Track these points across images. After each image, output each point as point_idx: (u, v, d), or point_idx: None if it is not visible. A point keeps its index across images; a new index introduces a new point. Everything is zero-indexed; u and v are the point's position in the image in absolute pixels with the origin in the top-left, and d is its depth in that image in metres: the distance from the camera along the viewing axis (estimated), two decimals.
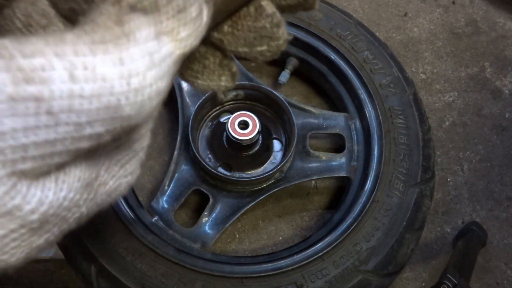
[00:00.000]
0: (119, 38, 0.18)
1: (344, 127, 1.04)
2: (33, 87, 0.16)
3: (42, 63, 0.16)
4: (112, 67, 0.17)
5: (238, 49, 0.29)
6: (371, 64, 1.03)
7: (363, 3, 1.30)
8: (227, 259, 0.91)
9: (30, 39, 0.17)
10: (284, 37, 0.29)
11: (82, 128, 0.18)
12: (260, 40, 0.29)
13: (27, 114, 0.16)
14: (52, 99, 0.17)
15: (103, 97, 0.18)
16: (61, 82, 0.17)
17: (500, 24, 1.28)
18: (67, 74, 0.17)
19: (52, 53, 0.17)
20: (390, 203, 0.90)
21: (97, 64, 0.17)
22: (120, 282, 0.83)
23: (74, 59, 0.17)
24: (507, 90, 1.20)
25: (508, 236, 1.04)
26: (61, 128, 0.17)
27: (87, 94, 0.17)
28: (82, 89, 0.17)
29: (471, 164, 1.11)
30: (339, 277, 0.84)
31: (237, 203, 0.96)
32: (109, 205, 0.26)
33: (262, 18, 0.28)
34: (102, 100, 0.18)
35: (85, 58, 0.17)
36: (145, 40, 0.19)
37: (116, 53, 0.18)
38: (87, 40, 0.17)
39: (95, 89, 0.17)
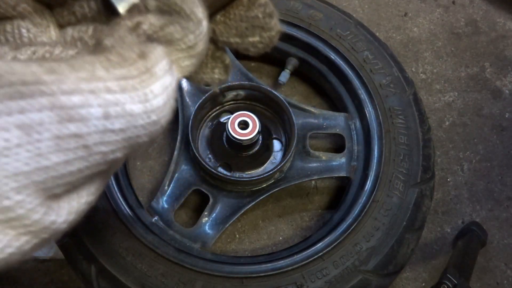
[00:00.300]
0: (143, 73, 0.20)
1: (344, 127, 1.04)
2: (74, 125, 0.18)
3: (80, 101, 0.18)
4: (138, 104, 0.20)
5: (230, 39, 0.29)
6: (371, 64, 1.03)
7: (363, 3, 1.30)
8: (227, 259, 0.91)
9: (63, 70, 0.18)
10: (277, 28, 0.29)
11: (107, 156, 0.20)
12: (252, 30, 0.29)
13: (68, 149, 0.19)
14: (88, 135, 0.19)
15: (128, 130, 0.20)
16: (96, 119, 0.19)
17: (500, 24, 1.28)
18: (102, 111, 0.19)
19: (88, 90, 0.18)
20: (390, 203, 0.90)
21: (126, 102, 0.19)
22: (120, 282, 0.83)
23: (107, 96, 0.19)
24: (507, 90, 1.20)
25: (508, 236, 1.04)
26: (92, 158, 0.20)
27: (116, 128, 0.19)
28: (112, 124, 0.19)
29: (471, 164, 1.11)
30: (339, 277, 0.84)
31: (237, 203, 0.96)
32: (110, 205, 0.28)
33: (255, 8, 0.28)
34: (127, 133, 0.20)
35: (116, 95, 0.19)
36: (163, 74, 0.21)
37: (141, 90, 0.20)
38: (116, 74, 0.19)
39: (122, 124, 0.19)
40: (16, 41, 0.25)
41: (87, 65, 0.19)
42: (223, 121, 1.05)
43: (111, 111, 0.19)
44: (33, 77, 0.18)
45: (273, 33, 0.29)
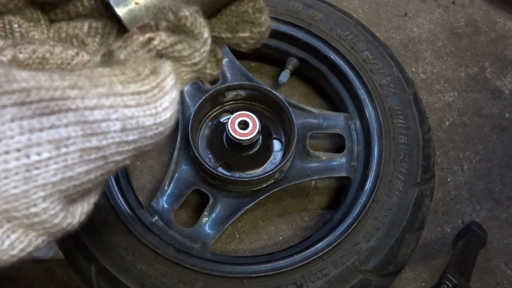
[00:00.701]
0: (155, 88, 0.22)
1: (344, 127, 1.04)
2: (96, 138, 0.20)
3: (102, 116, 0.20)
4: (150, 117, 0.21)
5: (221, 34, 0.30)
6: (371, 64, 1.03)
7: (363, 3, 1.30)
8: (227, 259, 0.91)
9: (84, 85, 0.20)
10: (267, 24, 0.29)
11: (119, 164, 0.22)
12: (242, 25, 0.29)
13: (89, 160, 0.20)
14: (107, 147, 0.21)
15: (139, 140, 0.22)
16: (115, 132, 0.21)
17: (500, 24, 1.28)
18: (120, 125, 0.21)
19: (108, 106, 0.20)
20: (390, 203, 0.90)
21: (140, 115, 0.21)
22: (120, 282, 0.83)
23: (124, 111, 0.21)
24: (507, 90, 1.20)
25: (508, 236, 1.04)
26: (107, 166, 0.21)
27: (130, 140, 0.21)
28: (127, 136, 0.21)
29: (471, 164, 1.11)
30: (339, 277, 0.84)
31: (237, 203, 0.96)
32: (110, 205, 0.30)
33: (245, 3, 0.29)
34: (138, 143, 0.22)
35: (132, 110, 0.21)
36: (170, 88, 0.23)
37: (153, 104, 0.22)
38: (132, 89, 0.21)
39: (135, 135, 0.21)
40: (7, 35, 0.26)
41: (105, 78, 0.21)
42: (223, 121, 1.05)
43: (127, 125, 0.21)
44: (59, 92, 0.19)
45: (263, 29, 0.30)
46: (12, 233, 0.20)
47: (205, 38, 0.25)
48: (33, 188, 0.19)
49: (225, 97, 1.06)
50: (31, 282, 0.98)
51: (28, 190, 0.19)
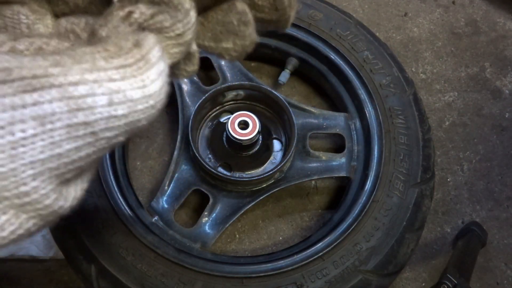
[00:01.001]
0: (139, 61, 0.22)
1: (344, 127, 1.04)
2: (82, 113, 0.20)
3: (86, 91, 0.20)
4: (137, 90, 0.21)
5: (205, 42, 0.30)
6: (371, 64, 1.03)
7: (363, 3, 1.30)
8: (227, 259, 0.91)
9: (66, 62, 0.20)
10: (251, 38, 0.29)
11: (111, 140, 0.22)
12: (226, 35, 0.29)
13: (77, 136, 0.20)
14: (95, 122, 0.20)
15: (130, 115, 0.21)
16: (102, 107, 0.20)
17: (500, 24, 1.28)
18: (106, 99, 0.20)
19: (92, 80, 0.20)
20: (390, 203, 0.90)
21: (126, 89, 0.21)
22: (120, 282, 0.83)
23: (109, 85, 0.20)
24: (507, 90, 1.20)
25: (508, 236, 1.04)
26: (98, 143, 0.21)
27: (119, 114, 0.21)
28: (116, 110, 0.21)
29: (471, 164, 1.11)
30: (339, 277, 0.84)
31: (237, 203, 0.96)
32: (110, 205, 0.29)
33: (232, 14, 0.29)
34: (128, 117, 0.22)
35: (117, 83, 0.21)
36: (157, 60, 0.22)
37: (139, 76, 0.21)
38: (115, 63, 0.21)
39: (124, 109, 0.21)
40: (14, 26, 0.26)
41: (88, 56, 0.21)
42: (223, 121, 1.05)
43: (114, 98, 0.21)
44: (41, 70, 0.19)
45: (247, 42, 0.30)
46: (3, 214, 0.20)
47: (186, 8, 0.25)
48: (20, 166, 0.19)
49: (225, 97, 1.06)
50: (31, 282, 0.98)
51: (15, 169, 0.19)
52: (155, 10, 0.24)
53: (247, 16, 0.29)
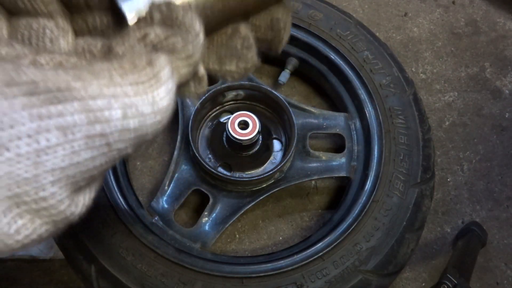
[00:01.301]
0: (151, 79, 0.23)
1: (344, 127, 1.04)
2: (100, 125, 0.21)
3: (104, 104, 0.21)
4: (148, 106, 0.23)
5: (209, 65, 0.32)
6: (371, 64, 1.03)
7: (363, 3, 1.30)
8: (227, 259, 0.91)
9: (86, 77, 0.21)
10: (253, 62, 0.31)
11: (121, 151, 0.23)
12: (230, 58, 0.31)
13: (94, 147, 0.21)
14: (110, 134, 0.22)
15: (140, 128, 0.23)
16: (117, 120, 0.22)
17: (500, 24, 1.28)
18: (121, 113, 0.22)
19: (110, 95, 0.22)
20: (390, 203, 0.90)
21: (139, 104, 0.22)
22: (120, 282, 0.83)
23: (124, 99, 0.22)
24: (507, 90, 1.20)
25: (508, 236, 1.04)
26: (111, 153, 0.23)
27: (131, 127, 0.22)
28: (128, 124, 0.22)
29: (471, 164, 1.11)
30: (339, 277, 0.84)
31: (237, 203, 0.96)
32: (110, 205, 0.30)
33: (235, 38, 0.30)
34: (138, 131, 0.23)
35: (131, 99, 0.22)
36: (167, 79, 0.24)
37: (150, 94, 0.23)
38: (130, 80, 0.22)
39: (136, 123, 0.23)
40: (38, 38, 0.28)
41: (106, 72, 0.22)
42: (223, 121, 1.05)
43: (128, 112, 0.22)
44: (64, 83, 0.21)
45: (249, 66, 0.32)
46: (20, 218, 0.21)
47: (196, 31, 0.26)
48: (43, 173, 0.20)
49: (225, 97, 1.06)
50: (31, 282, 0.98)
51: (38, 175, 0.20)
52: (168, 33, 0.26)
53: (249, 41, 0.30)
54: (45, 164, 0.20)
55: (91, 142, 0.21)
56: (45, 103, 0.20)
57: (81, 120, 0.21)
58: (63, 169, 0.21)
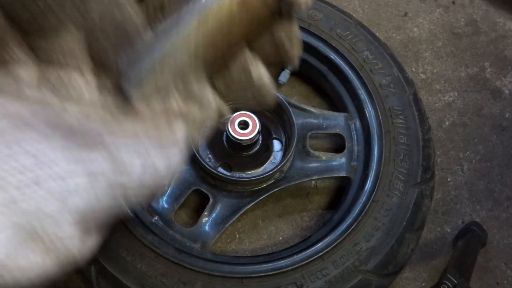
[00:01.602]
0: (169, 139, 0.25)
1: (344, 127, 1.04)
2: (123, 177, 0.23)
3: (129, 159, 0.23)
4: (163, 162, 0.25)
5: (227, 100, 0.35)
6: (371, 64, 1.03)
7: (363, 3, 1.30)
8: (227, 259, 0.91)
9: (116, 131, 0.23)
10: (270, 96, 0.33)
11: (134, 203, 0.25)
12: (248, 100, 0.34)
13: (114, 196, 0.23)
14: (129, 186, 0.23)
15: (154, 184, 0.25)
16: (137, 174, 0.24)
17: (500, 24, 1.28)
18: (142, 169, 0.24)
19: (134, 151, 0.23)
20: (390, 203, 0.90)
21: (156, 161, 0.24)
22: (120, 282, 0.83)
23: (146, 158, 0.24)
24: (507, 90, 1.20)
25: (508, 236, 1.04)
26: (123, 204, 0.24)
27: (147, 183, 0.24)
28: (145, 179, 0.24)
29: (471, 164, 1.11)
30: (339, 277, 0.84)
31: (237, 203, 0.96)
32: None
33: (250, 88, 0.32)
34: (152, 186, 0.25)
35: (152, 158, 0.24)
36: (181, 141, 0.27)
37: (166, 152, 0.25)
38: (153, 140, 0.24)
39: (151, 180, 0.24)
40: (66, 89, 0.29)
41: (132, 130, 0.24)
42: (223, 121, 1.05)
43: (147, 170, 0.24)
44: (97, 133, 0.22)
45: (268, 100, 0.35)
46: (32, 253, 0.22)
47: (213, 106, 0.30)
48: (64, 213, 0.22)
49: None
50: None
51: (60, 214, 0.22)
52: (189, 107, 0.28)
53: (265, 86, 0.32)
54: (69, 205, 0.22)
55: (111, 190, 0.23)
56: (80, 148, 0.21)
57: (108, 169, 0.22)
58: (82, 211, 0.22)
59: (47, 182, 0.21)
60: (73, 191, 0.21)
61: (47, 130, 0.21)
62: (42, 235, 0.21)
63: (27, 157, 0.20)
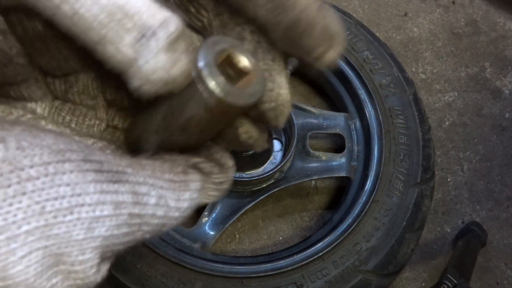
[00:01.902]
0: (182, 182, 0.28)
1: (344, 127, 1.04)
2: (139, 207, 0.25)
3: (145, 191, 0.26)
4: (174, 201, 0.27)
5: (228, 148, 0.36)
6: (371, 64, 1.03)
7: (363, 3, 1.30)
8: (227, 259, 0.91)
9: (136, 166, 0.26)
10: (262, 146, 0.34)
11: (145, 234, 0.27)
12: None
13: (131, 225, 0.25)
14: (144, 215, 0.26)
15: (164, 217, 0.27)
16: (151, 207, 0.26)
17: (500, 24, 1.28)
18: (155, 201, 0.26)
19: (151, 184, 0.26)
20: (390, 203, 0.90)
21: (168, 196, 0.27)
22: (120, 282, 0.83)
23: (159, 190, 0.26)
24: (507, 90, 1.20)
25: (508, 236, 1.04)
26: (138, 233, 0.26)
27: (158, 214, 0.26)
28: (157, 210, 0.26)
29: (471, 164, 1.11)
30: (339, 277, 0.84)
31: (237, 203, 0.96)
32: None
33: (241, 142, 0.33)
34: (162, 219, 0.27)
35: (164, 191, 0.27)
36: (194, 189, 0.29)
37: (177, 192, 0.27)
38: (166, 176, 0.27)
39: (162, 212, 0.27)
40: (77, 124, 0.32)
41: (150, 166, 0.27)
42: None
43: (160, 201, 0.26)
44: (120, 168, 0.25)
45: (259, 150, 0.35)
46: (55, 277, 0.24)
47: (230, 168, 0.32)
48: (89, 239, 0.24)
49: None
50: None
51: (86, 239, 0.24)
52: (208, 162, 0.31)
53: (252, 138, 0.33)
54: (93, 231, 0.23)
55: (130, 219, 0.25)
56: (107, 180, 0.24)
57: (128, 199, 0.25)
58: (104, 238, 0.24)
59: (78, 209, 0.23)
60: (98, 218, 0.23)
61: (81, 164, 0.23)
62: (66, 259, 0.23)
63: (65, 188, 0.23)
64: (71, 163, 0.23)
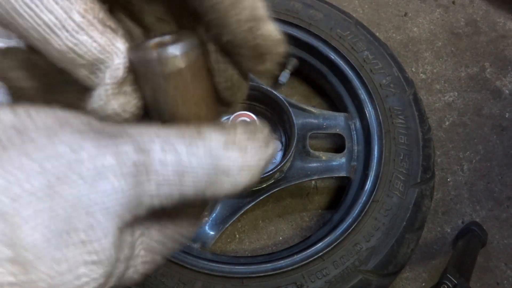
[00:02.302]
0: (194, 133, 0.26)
1: (344, 127, 1.04)
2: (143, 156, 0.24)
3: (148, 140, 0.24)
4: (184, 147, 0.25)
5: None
6: (371, 64, 1.03)
7: (363, 3, 1.30)
8: (227, 259, 0.91)
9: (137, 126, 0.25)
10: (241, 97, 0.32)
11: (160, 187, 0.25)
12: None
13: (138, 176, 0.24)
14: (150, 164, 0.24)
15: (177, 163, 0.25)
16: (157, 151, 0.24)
17: (500, 24, 1.28)
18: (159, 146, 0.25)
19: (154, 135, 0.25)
20: (390, 203, 0.90)
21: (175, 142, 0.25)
22: None
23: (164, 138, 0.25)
24: (507, 90, 1.20)
25: (508, 236, 1.04)
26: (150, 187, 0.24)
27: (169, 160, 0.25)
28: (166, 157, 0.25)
29: (471, 164, 1.11)
30: (339, 277, 0.84)
31: (237, 203, 0.96)
32: None
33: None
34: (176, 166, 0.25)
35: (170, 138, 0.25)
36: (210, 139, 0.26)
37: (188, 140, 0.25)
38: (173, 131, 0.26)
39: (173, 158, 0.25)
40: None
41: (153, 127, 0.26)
42: (223, 121, 1.05)
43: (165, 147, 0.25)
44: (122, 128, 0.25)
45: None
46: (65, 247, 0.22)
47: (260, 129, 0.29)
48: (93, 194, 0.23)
49: None
50: None
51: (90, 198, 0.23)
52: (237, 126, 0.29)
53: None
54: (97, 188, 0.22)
55: (136, 170, 0.23)
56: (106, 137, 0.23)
57: (131, 150, 0.24)
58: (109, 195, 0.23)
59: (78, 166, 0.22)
60: (101, 173, 0.22)
61: (81, 126, 0.23)
62: (77, 227, 0.22)
63: (63, 146, 0.22)
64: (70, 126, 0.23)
